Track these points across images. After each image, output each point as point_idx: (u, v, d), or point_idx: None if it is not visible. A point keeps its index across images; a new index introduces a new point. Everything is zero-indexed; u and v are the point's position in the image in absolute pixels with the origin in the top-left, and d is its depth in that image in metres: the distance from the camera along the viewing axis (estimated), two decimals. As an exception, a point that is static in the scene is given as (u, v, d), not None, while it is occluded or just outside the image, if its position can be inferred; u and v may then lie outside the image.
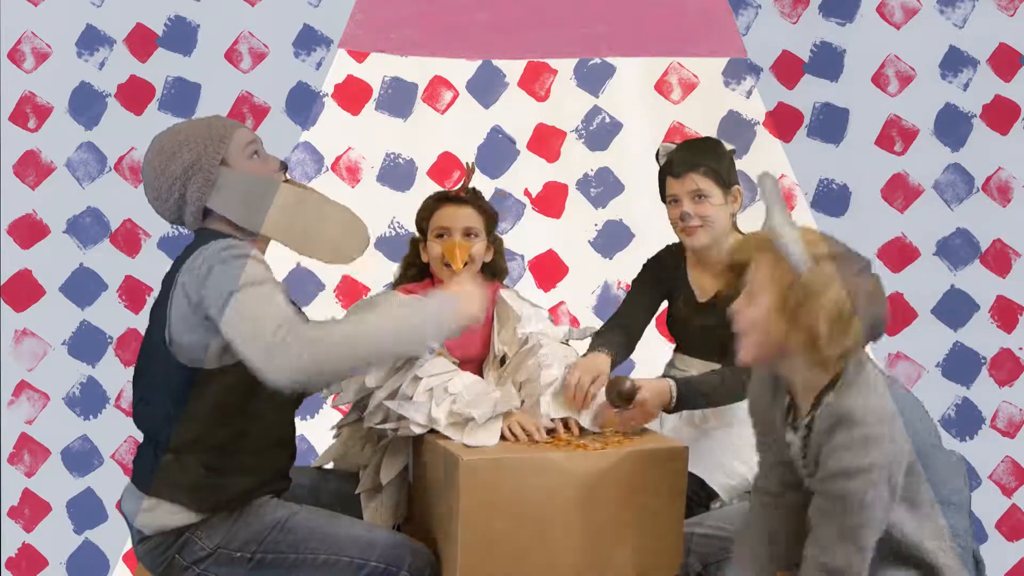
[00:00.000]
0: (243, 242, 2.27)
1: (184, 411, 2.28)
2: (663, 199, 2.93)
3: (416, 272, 2.86)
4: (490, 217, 2.82)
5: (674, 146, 2.94)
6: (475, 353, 2.77)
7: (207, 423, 2.28)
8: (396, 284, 2.90)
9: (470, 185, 2.83)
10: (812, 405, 2.13)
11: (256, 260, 2.22)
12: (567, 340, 2.80)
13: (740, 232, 2.91)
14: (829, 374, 2.10)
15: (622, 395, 2.57)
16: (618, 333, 2.91)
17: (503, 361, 2.75)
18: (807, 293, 2.02)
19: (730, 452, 2.76)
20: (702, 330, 2.91)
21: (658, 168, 2.94)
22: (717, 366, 2.81)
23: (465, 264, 2.72)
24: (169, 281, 2.30)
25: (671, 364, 3.07)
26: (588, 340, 2.85)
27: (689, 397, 2.68)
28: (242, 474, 2.32)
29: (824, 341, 2.03)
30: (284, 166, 2.41)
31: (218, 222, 2.34)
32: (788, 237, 2.05)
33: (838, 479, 2.03)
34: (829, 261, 2.05)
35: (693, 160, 2.83)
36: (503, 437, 2.48)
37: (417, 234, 2.86)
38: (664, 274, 3.00)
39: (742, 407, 2.76)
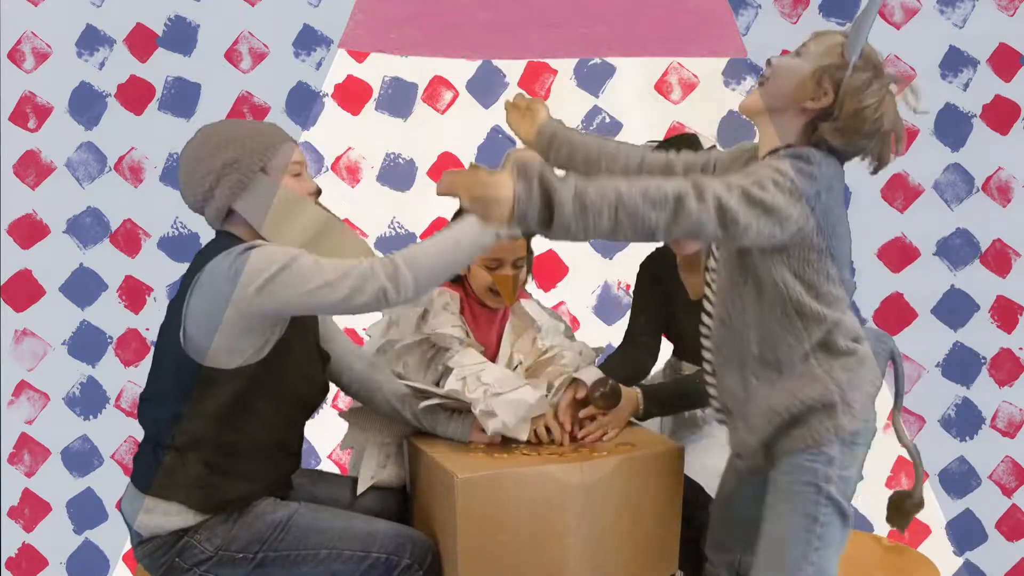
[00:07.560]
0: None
1: (189, 410, 2.27)
2: None
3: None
4: (530, 242, 2.81)
5: (655, 144, 2.92)
6: (488, 356, 2.76)
7: (212, 423, 2.28)
8: None
9: None
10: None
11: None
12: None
13: None
14: (800, 136, 2.19)
15: (606, 396, 2.58)
16: (633, 350, 2.94)
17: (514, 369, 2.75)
18: (850, 86, 2.11)
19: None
20: (694, 331, 2.90)
21: None
22: None
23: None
24: (188, 281, 2.30)
25: (669, 365, 3.06)
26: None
27: (653, 406, 2.70)
28: (244, 478, 2.33)
29: (844, 123, 2.14)
30: (319, 191, 2.41)
31: (240, 226, 2.34)
32: (862, 32, 2.12)
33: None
34: (872, 69, 2.13)
35: None
36: (528, 441, 2.53)
37: None
38: (662, 272, 2.99)
39: None
